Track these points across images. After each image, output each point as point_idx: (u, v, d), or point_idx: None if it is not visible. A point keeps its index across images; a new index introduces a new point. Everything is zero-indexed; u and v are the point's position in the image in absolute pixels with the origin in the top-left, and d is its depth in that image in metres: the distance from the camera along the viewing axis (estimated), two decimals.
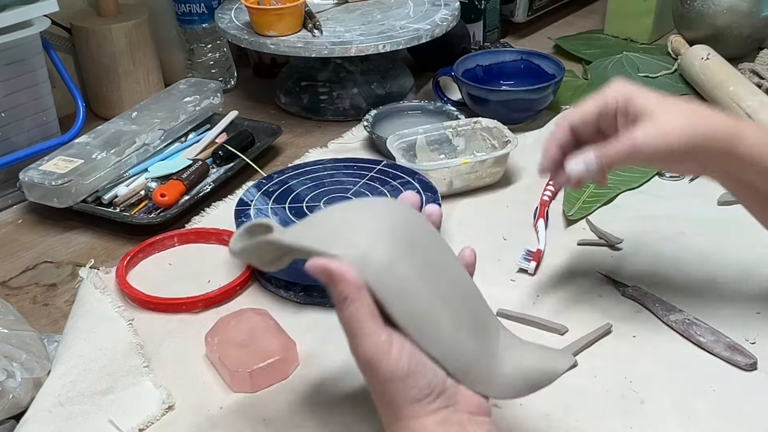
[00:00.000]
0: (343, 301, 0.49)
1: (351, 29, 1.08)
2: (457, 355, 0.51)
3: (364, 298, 0.49)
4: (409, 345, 0.50)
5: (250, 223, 0.55)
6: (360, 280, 0.49)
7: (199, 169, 0.97)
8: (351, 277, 0.49)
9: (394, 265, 0.50)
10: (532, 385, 0.54)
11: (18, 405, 0.63)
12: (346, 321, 0.50)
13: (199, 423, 0.64)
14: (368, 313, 0.49)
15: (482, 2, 1.29)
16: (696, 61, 1.15)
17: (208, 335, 0.70)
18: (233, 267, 0.82)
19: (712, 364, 0.67)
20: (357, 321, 0.49)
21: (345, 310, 0.49)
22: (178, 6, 1.18)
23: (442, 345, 0.51)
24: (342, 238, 0.51)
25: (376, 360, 0.49)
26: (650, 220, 0.87)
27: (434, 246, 0.55)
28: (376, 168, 0.87)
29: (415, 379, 0.49)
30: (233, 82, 1.26)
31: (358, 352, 0.50)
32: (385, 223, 0.53)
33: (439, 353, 0.50)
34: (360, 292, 0.49)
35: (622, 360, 0.68)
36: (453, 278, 0.55)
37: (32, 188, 0.90)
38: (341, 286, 0.49)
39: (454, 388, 0.51)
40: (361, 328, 0.49)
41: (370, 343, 0.49)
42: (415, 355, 0.50)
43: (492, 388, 0.53)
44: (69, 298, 0.79)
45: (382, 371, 0.49)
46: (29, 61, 0.96)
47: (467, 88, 1.06)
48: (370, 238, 0.51)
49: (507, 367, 0.53)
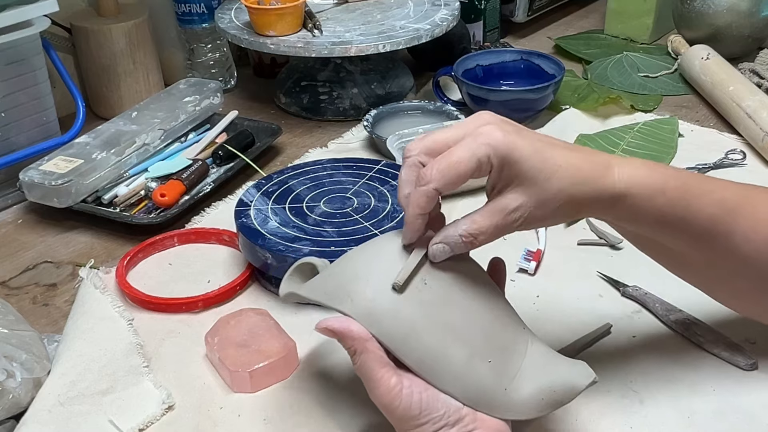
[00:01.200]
0: (353, 354, 0.53)
1: (351, 29, 1.08)
2: (470, 386, 0.54)
3: (371, 349, 0.52)
4: (419, 383, 0.53)
5: (294, 265, 0.64)
6: (365, 333, 0.53)
7: (199, 169, 0.97)
8: (356, 331, 0.52)
9: (399, 312, 0.53)
10: (553, 404, 0.55)
11: (18, 405, 0.63)
12: (358, 371, 0.54)
13: (199, 423, 0.64)
14: (377, 362, 0.52)
15: (482, 2, 1.29)
16: (696, 61, 1.15)
17: (208, 335, 0.70)
18: (233, 267, 0.82)
19: (712, 364, 0.67)
20: (367, 370, 0.52)
21: (356, 362, 0.53)
22: (178, 6, 1.18)
23: (453, 379, 0.53)
24: (350, 291, 0.55)
25: (388, 403, 0.52)
26: None
27: (454, 271, 0.56)
28: (375, 168, 0.87)
29: (429, 413, 0.52)
30: (233, 82, 1.26)
31: (374, 398, 0.53)
32: (396, 267, 0.54)
33: (450, 387, 0.53)
34: (366, 344, 0.52)
35: (622, 360, 0.68)
36: (473, 304, 0.56)
37: (32, 188, 0.90)
38: (348, 342, 0.53)
39: (472, 415, 0.53)
40: (372, 376, 0.52)
41: (381, 389, 0.52)
42: (426, 391, 0.53)
43: (509, 412, 0.54)
44: (69, 298, 0.79)
45: (397, 413, 0.52)
46: (29, 61, 0.96)
47: (467, 88, 1.06)
48: (377, 288, 0.54)
49: (528, 387, 0.55)
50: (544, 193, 0.52)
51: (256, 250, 0.76)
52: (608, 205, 0.55)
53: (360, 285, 0.55)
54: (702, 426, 0.62)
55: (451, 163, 0.51)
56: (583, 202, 0.54)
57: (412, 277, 0.54)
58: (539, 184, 0.52)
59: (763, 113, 0.99)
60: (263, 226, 0.78)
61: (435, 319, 0.54)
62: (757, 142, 0.98)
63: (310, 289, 0.59)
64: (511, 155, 0.51)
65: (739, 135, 1.03)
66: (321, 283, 0.59)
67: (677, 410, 0.63)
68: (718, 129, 1.06)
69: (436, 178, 0.52)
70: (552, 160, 0.52)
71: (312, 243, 0.75)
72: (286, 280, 0.63)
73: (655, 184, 0.55)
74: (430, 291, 0.54)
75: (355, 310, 0.54)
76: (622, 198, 0.54)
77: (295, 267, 0.64)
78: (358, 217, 0.79)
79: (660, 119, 1.08)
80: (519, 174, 0.52)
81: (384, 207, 0.80)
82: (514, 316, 0.58)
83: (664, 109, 1.12)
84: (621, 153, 1.00)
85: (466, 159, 0.51)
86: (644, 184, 0.54)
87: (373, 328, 0.53)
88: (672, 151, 1.00)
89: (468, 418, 0.53)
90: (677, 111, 1.12)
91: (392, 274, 0.54)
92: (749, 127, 1.00)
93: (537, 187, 0.52)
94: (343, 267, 0.58)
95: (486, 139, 0.51)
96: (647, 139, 1.03)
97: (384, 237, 0.59)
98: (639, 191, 0.54)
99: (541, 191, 0.52)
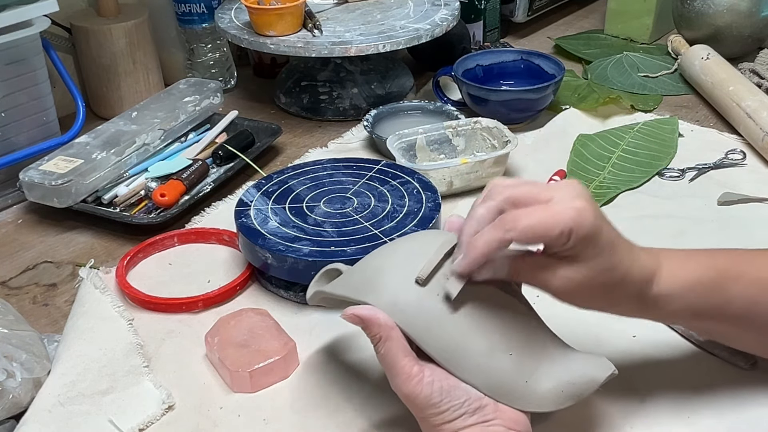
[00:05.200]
0: (377, 342, 0.55)
1: (351, 29, 1.08)
2: (490, 377, 0.55)
3: (395, 337, 0.54)
4: (440, 373, 0.54)
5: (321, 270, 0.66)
6: (390, 321, 0.54)
7: (199, 169, 0.97)
8: (382, 319, 0.54)
9: (421, 302, 0.55)
10: (573, 396, 0.56)
11: (18, 405, 0.63)
12: (382, 359, 0.55)
13: (199, 423, 0.64)
14: (400, 350, 0.54)
15: (482, 2, 1.29)
16: (696, 61, 1.15)
17: (208, 335, 0.70)
18: (233, 267, 0.82)
19: (712, 364, 0.67)
20: (391, 357, 0.54)
21: (380, 350, 0.55)
22: (178, 6, 1.18)
23: (474, 369, 0.55)
24: (375, 284, 0.57)
25: (410, 391, 0.54)
26: (650, 220, 0.87)
27: None
28: (375, 168, 0.87)
29: (449, 401, 0.54)
30: (233, 82, 1.26)
31: (395, 386, 0.55)
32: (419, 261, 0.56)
33: (471, 377, 0.55)
34: (391, 332, 0.54)
35: (622, 360, 0.68)
36: (492, 300, 0.57)
37: (32, 188, 0.90)
38: (374, 329, 0.54)
39: (493, 405, 0.55)
40: (395, 364, 0.54)
41: (404, 377, 0.54)
42: (447, 380, 0.54)
43: (530, 404, 0.56)
44: (69, 298, 0.79)
45: (418, 401, 0.54)
46: (29, 61, 0.96)
47: (467, 88, 1.06)
48: (400, 280, 0.56)
49: (548, 381, 0.56)
50: (596, 277, 0.54)
51: (256, 250, 0.76)
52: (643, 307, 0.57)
53: (384, 278, 0.57)
54: (702, 426, 0.62)
55: (537, 223, 0.51)
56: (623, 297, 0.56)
57: (435, 272, 0.56)
58: (599, 268, 0.53)
59: (763, 113, 0.99)
60: (263, 226, 0.78)
61: (457, 311, 0.55)
62: (757, 142, 0.98)
63: (335, 286, 0.61)
64: (592, 239, 0.52)
65: (739, 135, 1.03)
66: (346, 280, 0.61)
67: (677, 410, 0.63)
68: (718, 129, 1.06)
69: (519, 231, 0.52)
70: (619, 250, 0.54)
71: (312, 243, 0.75)
72: (313, 284, 0.66)
73: (688, 282, 0.57)
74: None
75: (380, 301, 0.55)
76: (660, 300, 0.57)
77: (322, 272, 0.66)
78: (358, 217, 0.79)
79: (660, 119, 1.08)
80: (586, 258, 0.53)
81: (384, 207, 0.80)
82: (532, 312, 0.59)
83: (664, 109, 1.12)
84: (621, 153, 1.00)
85: (552, 226, 0.51)
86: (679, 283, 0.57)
87: (396, 317, 0.54)
88: (672, 151, 1.00)
89: (489, 408, 0.54)
90: (677, 111, 1.12)
91: (416, 270, 0.55)
92: (749, 127, 1.00)
93: (595, 270, 0.53)
94: (366, 264, 0.60)
95: (578, 215, 0.51)
96: (647, 139, 1.03)
97: (406, 237, 0.62)
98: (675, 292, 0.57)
99: (595, 275, 0.54)
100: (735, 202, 0.90)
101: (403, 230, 0.76)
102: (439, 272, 0.56)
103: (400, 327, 0.54)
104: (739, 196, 0.90)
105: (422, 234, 0.62)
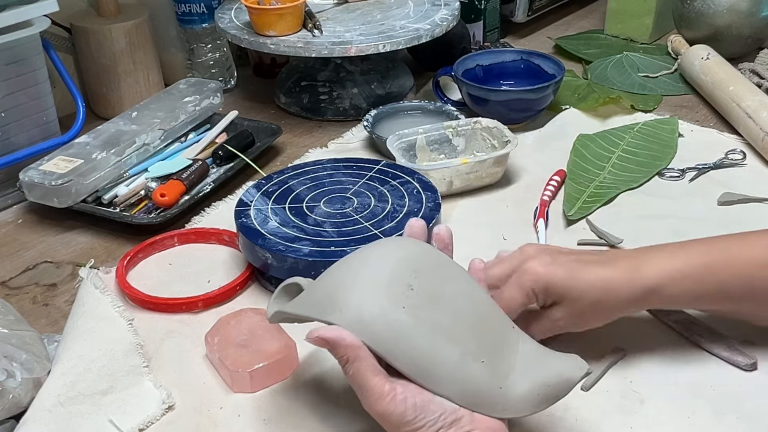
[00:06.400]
0: (345, 363, 0.53)
1: (351, 29, 1.08)
2: (465, 387, 0.54)
3: (363, 357, 0.53)
4: (413, 388, 0.53)
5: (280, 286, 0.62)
6: (357, 341, 0.53)
7: (199, 169, 0.97)
8: (348, 339, 0.53)
9: (387, 317, 0.54)
10: (549, 399, 0.55)
11: (18, 405, 0.63)
12: (351, 380, 0.54)
13: (199, 423, 0.64)
14: (369, 369, 0.53)
15: (482, 2, 1.29)
16: (696, 61, 1.15)
17: (208, 335, 0.70)
18: (233, 267, 0.82)
19: (712, 364, 0.67)
20: (360, 378, 0.53)
21: (348, 371, 0.54)
22: (178, 6, 1.18)
23: (447, 380, 0.54)
24: (337, 300, 0.55)
25: (383, 410, 0.53)
26: (650, 220, 0.87)
27: (440, 275, 0.57)
28: (375, 168, 0.87)
29: (424, 416, 0.53)
30: (233, 82, 1.26)
31: (368, 406, 0.54)
32: (381, 273, 0.55)
33: (445, 389, 0.54)
34: (359, 351, 0.53)
35: (622, 360, 0.68)
36: (460, 306, 0.56)
37: (32, 188, 0.90)
38: (341, 350, 0.53)
39: (469, 416, 0.54)
40: (365, 384, 0.53)
41: (375, 396, 0.53)
42: (420, 395, 0.53)
43: (506, 411, 0.55)
44: (69, 298, 0.79)
45: (392, 419, 0.53)
46: (29, 61, 0.96)
47: (467, 88, 1.06)
48: (363, 295, 0.54)
49: (522, 384, 0.55)
50: (578, 308, 0.63)
51: (256, 250, 0.76)
52: (643, 301, 0.64)
53: (346, 293, 0.55)
54: (702, 426, 0.62)
55: (504, 302, 0.62)
56: (617, 307, 0.63)
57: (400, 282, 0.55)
58: (575, 302, 0.62)
59: (763, 113, 0.99)
60: (263, 226, 0.78)
61: (424, 321, 0.54)
62: (757, 142, 0.98)
63: (298, 305, 0.58)
64: (550, 284, 0.62)
65: (739, 135, 1.03)
66: (307, 297, 0.59)
67: (677, 410, 0.63)
68: (718, 129, 1.06)
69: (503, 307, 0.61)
70: (583, 280, 0.62)
71: (312, 243, 0.75)
72: (273, 302, 0.62)
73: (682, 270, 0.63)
74: (417, 295, 0.55)
75: (344, 319, 0.54)
76: (654, 292, 0.63)
77: (281, 288, 0.63)
78: (358, 217, 0.79)
79: (660, 119, 1.08)
80: (558, 296, 0.62)
81: (384, 207, 0.80)
82: (501, 316, 0.59)
83: (664, 109, 1.12)
84: (621, 153, 1.00)
85: (518, 296, 0.62)
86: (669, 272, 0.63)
87: (363, 335, 0.53)
88: (672, 151, 1.00)
89: (465, 419, 0.53)
90: (677, 111, 1.12)
91: (377, 281, 0.55)
92: (749, 127, 1.00)
93: (573, 304, 0.62)
94: (327, 279, 0.58)
95: (529, 276, 0.62)
96: (647, 139, 1.03)
97: (365, 248, 0.60)
98: (667, 281, 0.62)
99: (576, 307, 0.63)
100: (735, 202, 0.90)
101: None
102: (402, 283, 0.55)
103: (368, 345, 0.53)
104: (739, 196, 0.90)
105: (381, 243, 0.60)
